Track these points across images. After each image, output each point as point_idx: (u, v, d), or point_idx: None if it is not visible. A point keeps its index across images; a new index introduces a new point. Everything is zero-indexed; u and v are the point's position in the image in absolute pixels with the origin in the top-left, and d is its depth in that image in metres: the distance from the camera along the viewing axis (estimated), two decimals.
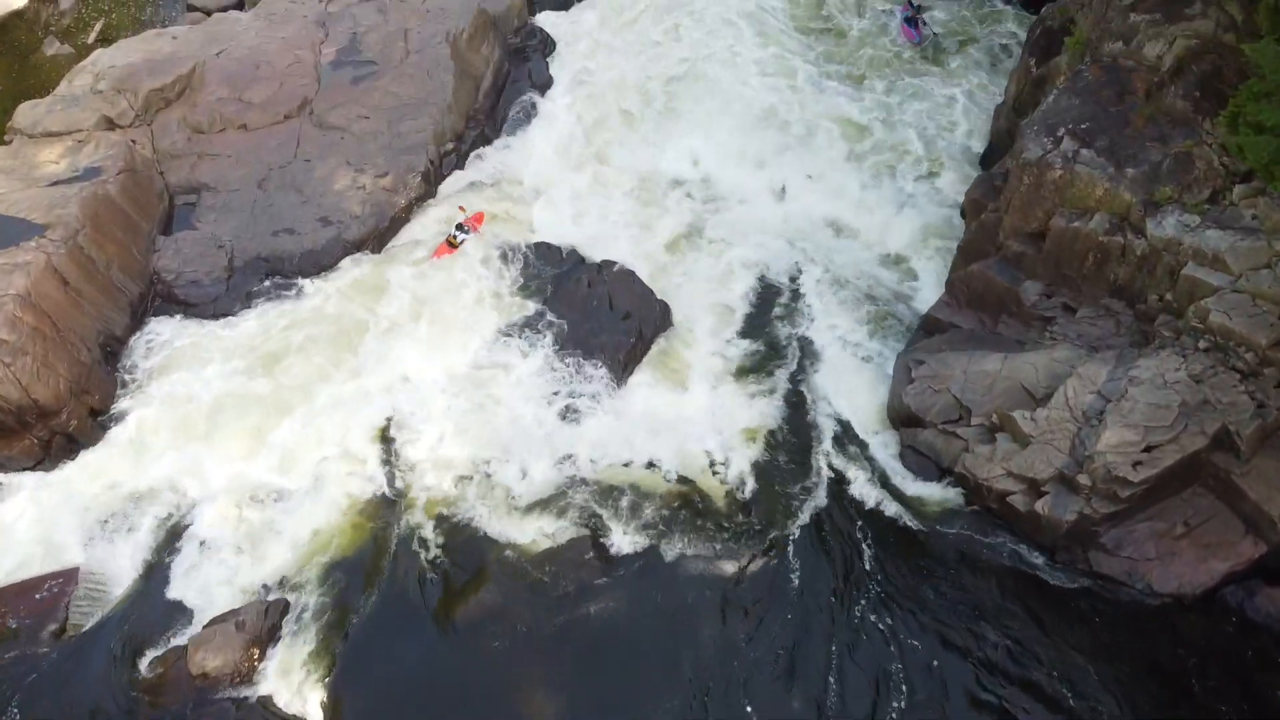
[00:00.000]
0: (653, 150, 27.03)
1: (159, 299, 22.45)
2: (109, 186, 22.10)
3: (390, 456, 20.20)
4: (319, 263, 22.88)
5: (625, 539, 18.93)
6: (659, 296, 22.71)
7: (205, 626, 17.21)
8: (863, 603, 17.87)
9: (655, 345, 22.19)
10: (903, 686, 16.84)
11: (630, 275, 22.74)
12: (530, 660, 17.46)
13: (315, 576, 18.38)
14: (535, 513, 19.34)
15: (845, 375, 21.66)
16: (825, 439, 20.45)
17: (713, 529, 19.13)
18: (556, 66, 29.61)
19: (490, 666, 17.35)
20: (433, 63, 26.34)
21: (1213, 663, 16.61)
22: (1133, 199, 18.50)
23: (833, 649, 17.35)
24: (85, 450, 20.01)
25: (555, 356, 21.59)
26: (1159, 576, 17.03)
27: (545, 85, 28.64)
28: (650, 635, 17.72)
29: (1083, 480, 16.84)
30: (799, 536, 18.90)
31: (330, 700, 16.85)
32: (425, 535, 19.04)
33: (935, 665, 17.05)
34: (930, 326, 21.59)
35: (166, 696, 16.71)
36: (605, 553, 18.73)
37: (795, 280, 23.68)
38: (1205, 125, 18.52)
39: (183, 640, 17.19)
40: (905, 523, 18.80)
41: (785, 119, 27.80)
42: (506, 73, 28.53)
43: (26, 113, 24.57)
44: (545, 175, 26.31)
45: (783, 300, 23.31)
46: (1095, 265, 19.08)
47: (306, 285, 22.57)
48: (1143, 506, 17.10)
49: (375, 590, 18.25)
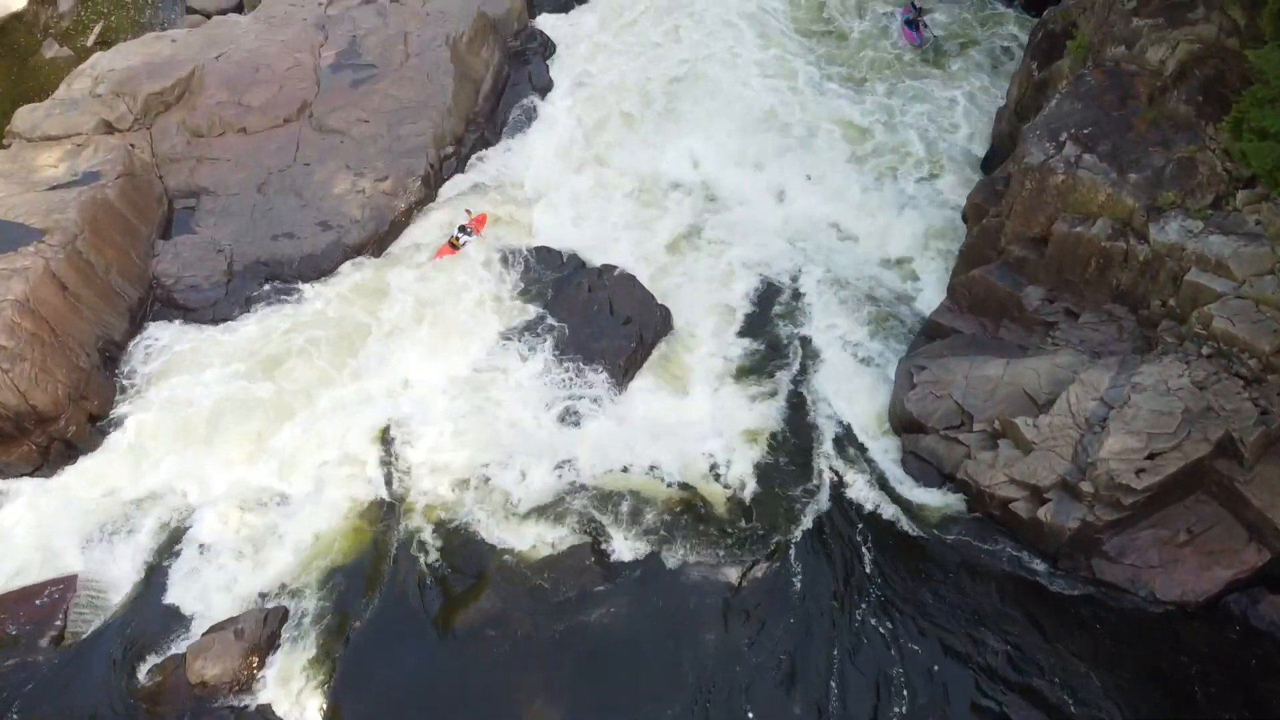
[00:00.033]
0: (653, 152, 26.95)
1: (158, 304, 22.39)
2: (108, 191, 22.03)
3: (390, 461, 20.16)
4: (319, 267, 22.81)
5: (626, 545, 18.88)
6: (660, 300, 22.64)
7: (204, 634, 17.15)
8: (864, 609, 17.82)
9: (656, 350, 22.13)
10: (904, 692, 16.78)
11: (631, 280, 22.66)
12: (530, 667, 17.40)
13: (315, 582, 18.34)
14: (535, 518, 19.29)
15: (846, 379, 21.59)
16: (826, 444, 20.40)
17: (714, 535, 19.08)
18: (556, 69, 29.52)
19: (490, 673, 17.30)
20: (432, 66, 26.25)
21: (1216, 671, 16.54)
22: (1135, 204, 18.44)
23: (834, 655, 17.30)
24: (84, 456, 19.96)
25: (556, 361, 21.54)
26: (1162, 584, 16.97)
27: (545, 88, 28.55)
28: (651, 641, 17.67)
29: (1085, 487, 16.78)
30: (800, 542, 18.84)
31: (330, 708, 16.78)
32: (425, 540, 18.99)
33: (936, 672, 17.00)
34: (932, 331, 21.52)
35: (165, 705, 16.66)
36: (606, 558, 18.69)
37: (796, 282, 23.61)
38: (1208, 130, 18.46)
39: (181, 648, 17.14)
40: (906, 529, 18.75)
41: (786, 121, 27.74)
42: (506, 76, 28.44)
43: (25, 116, 24.49)
44: (545, 178, 26.24)
45: (784, 303, 23.24)
46: (1098, 271, 19.02)
47: (306, 290, 22.51)
48: (1145, 514, 17.04)
49: (375, 596, 18.20)
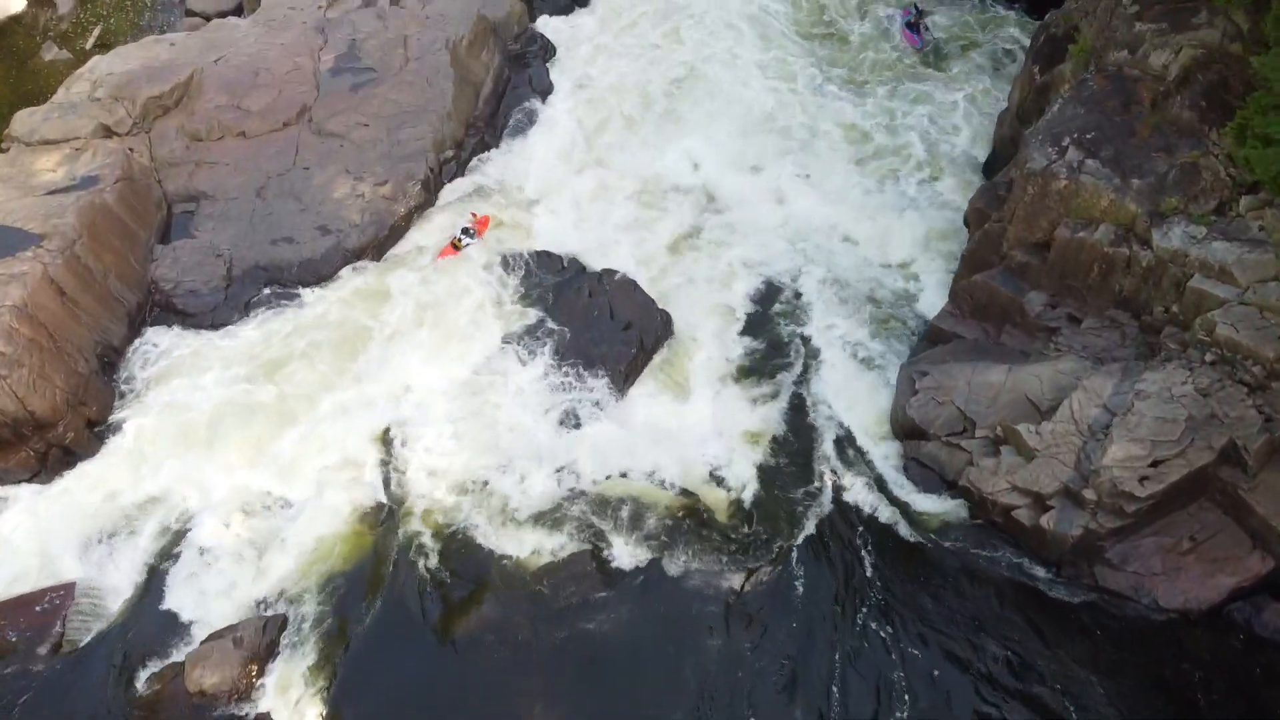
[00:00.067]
0: (654, 155, 26.90)
1: (157, 308, 22.33)
2: (106, 195, 21.95)
3: (390, 466, 20.09)
4: (318, 272, 22.73)
5: (626, 550, 18.81)
6: (661, 304, 22.56)
7: (203, 642, 17.09)
8: (866, 616, 17.75)
9: (657, 355, 22.04)
10: (905, 698, 16.75)
11: (631, 285, 22.58)
12: (531, 673, 17.34)
13: (314, 589, 18.27)
14: (535, 524, 19.21)
15: (847, 383, 21.52)
16: (828, 450, 20.31)
17: (715, 540, 19.01)
18: (557, 72, 29.44)
19: (490, 680, 17.22)
20: (432, 70, 26.16)
21: (1219, 679, 16.48)
22: (1138, 210, 18.36)
23: (836, 662, 17.23)
24: (83, 462, 19.88)
25: (556, 366, 21.46)
26: (1165, 592, 16.90)
27: (545, 91, 28.47)
28: (652, 647, 17.60)
29: (1088, 495, 16.70)
30: (802, 549, 18.76)
31: (329, 717, 16.70)
32: (425, 547, 18.91)
33: (938, 678, 16.94)
34: (933, 336, 21.44)
35: (164, 714, 16.57)
36: (606, 564, 18.61)
37: (797, 285, 23.55)
38: (1211, 136, 18.37)
39: (180, 656, 17.07)
40: (908, 536, 18.67)
41: (787, 123, 27.70)
42: (507, 79, 28.36)
43: (24, 120, 24.42)
44: (546, 181, 26.17)
45: (784, 306, 23.17)
46: (1100, 276, 18.94)
47: (305, 294, 22.44)
48: (1149, 521, 16.96)
49: (374, 603, 18.12)
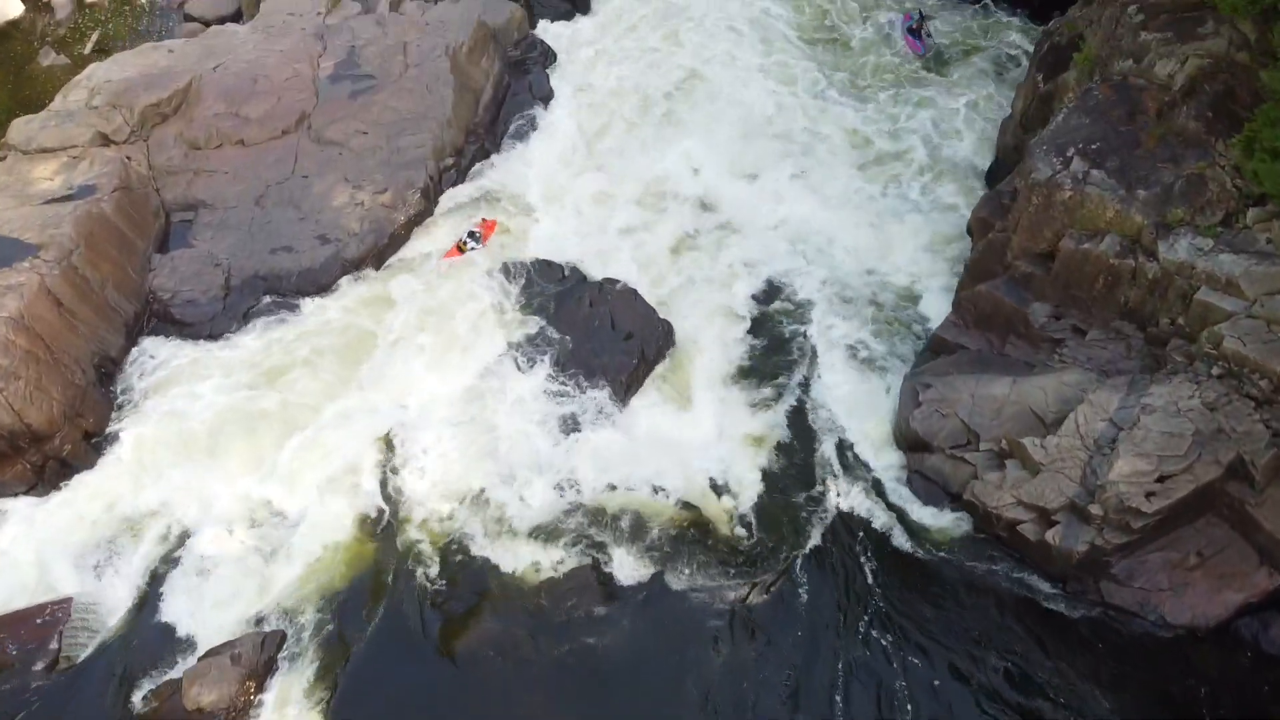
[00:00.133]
0: (655, 161, 26.72)
1: (155, 319, 22.12)
2: (104, 205, 21.77)
3: (390, 478, 19.92)
4: (317, 281, 22.55)
5: (628, 564, 18.65)
6: (662, 312, 22.41)
7: (200, 659, 16.90)
8: (869, 631, 17.60)
9: (658, 365, 21.86)
10: (908, 708, 16.66)
11: (633, 294, 22.40)
12: (532, 688, 17.19)
13: (313, 604, 18.09)
14: (536, 537, 19.06)
15: (851, 394, 21.35)
16: (831, 461, 20.15)
17: (717, 553, 18.86)
18: (557, 78, 29.27)
19: (491, 696, 17.05)
20: (432, 76, 25.99)
21: (1226, 695, 16.34)
22: (1144, 221, 18.20)
23: (839, 678, 17.11)
24: (80, 474, 19.68)
25: (557, 376, 21.30)
26: (1172, 608, 16.76)
27: (546, 97, 28.30)
28: (654, 661, 17.45)
29: (1094, 510, 16.54)
30: (805, 562, 18.61)
31: None
32: (425, 559, 18.76)
33: (942, 694, 16.82)
34: (937, 346, 21.26)
35: None
36: (607, 578, 18.46)
37: (798, 292, 23.40)
38: (1218, 146, 18.21)
39: (177, 673, 16.86)
40: (912, 550, 18.53)
41: (788, 128, 27.54)
42: (507, 85, 28.19)
43: (20, 128, 24.20)
44: (546, 188, 26.01)
45: (786, 313, 23.02)
46: (1105, 287, 18.78)
47: (304, 304, 22.26)
48: (1155, 536, 16.82)
49: (374, 618, 17.95)
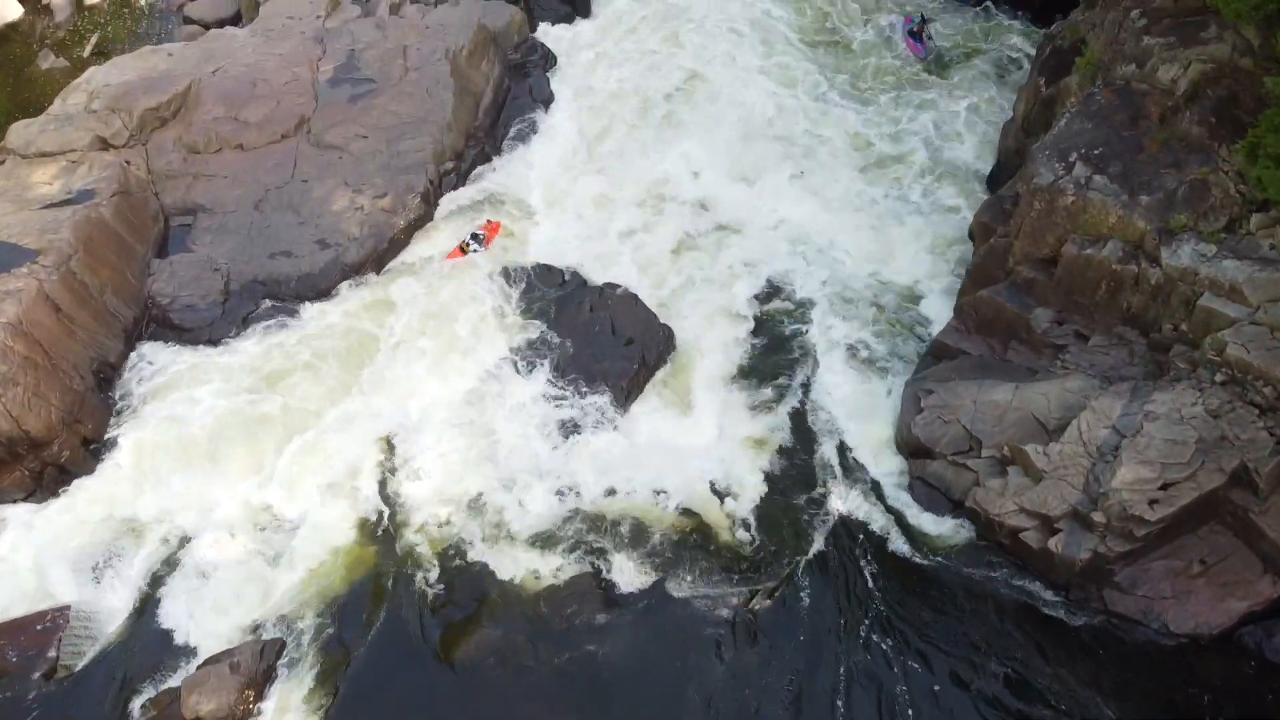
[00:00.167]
0: (655, 164, 26.66)
1: (153, 324, 22.04)
2: (103, 209, 21.69)
3: (389, 484, 19.85)
4: (316, 286, 22.46)
5: (628, 571, 18.57)
6: (662, 316, 22.33)
7: (199, 667, 16.81)
8: (871, 639, 17.51)
9: (659, 370, 21.79)
10: (909, 714, 16.59)
11: (633, 299, 22.31)
12: (533, 697, 17.10)
13: (312, 612, 18.01)
14: (536, 544, 18.98)
15: (852, 398, 21.27)
16: (832, 467, 20.07)
17: (718, 559, 18.77)
18: (558, 81, 29.21)
19: (492, 705, 16.97)
20: (432, 80, 25.91)
21: (1230, 704, 16.23)
22: (1147, 227, 18.11)
23: (840, 686, 17.02)
24: (78, 480, 19.61)
25: (557, 383, 21.22)
26: (1175, 616, 16.66)
27: (546, 101, 28.24)
28: (655, 669, 17.36)
29: (1097, 518, 16.45)
30: (806, 569, 18.52)
31: None
32: (424, 567, 18.67)
33: (945, 702, 16.72)
34: (939, 352, 21.18)
35: None
36: (608, 585, 18.38)
37: (799, 295, 23.33)
38: (1221, 152, 18.10)
39: (176, 682, 16.79)
40: (914, 557, 18.43)
41: (789, 130, 27.49)
42: (507, 89, 28.11)
43: (19, 132, 24.15)
44: (547, 192, 25.97)
45: (787, 316, 22.96)
46: (1108, 293, 18.69)
47: (304, 309, 22.17)
48: (1158, 544, 16.71)
49: (374, 626, 17.86)
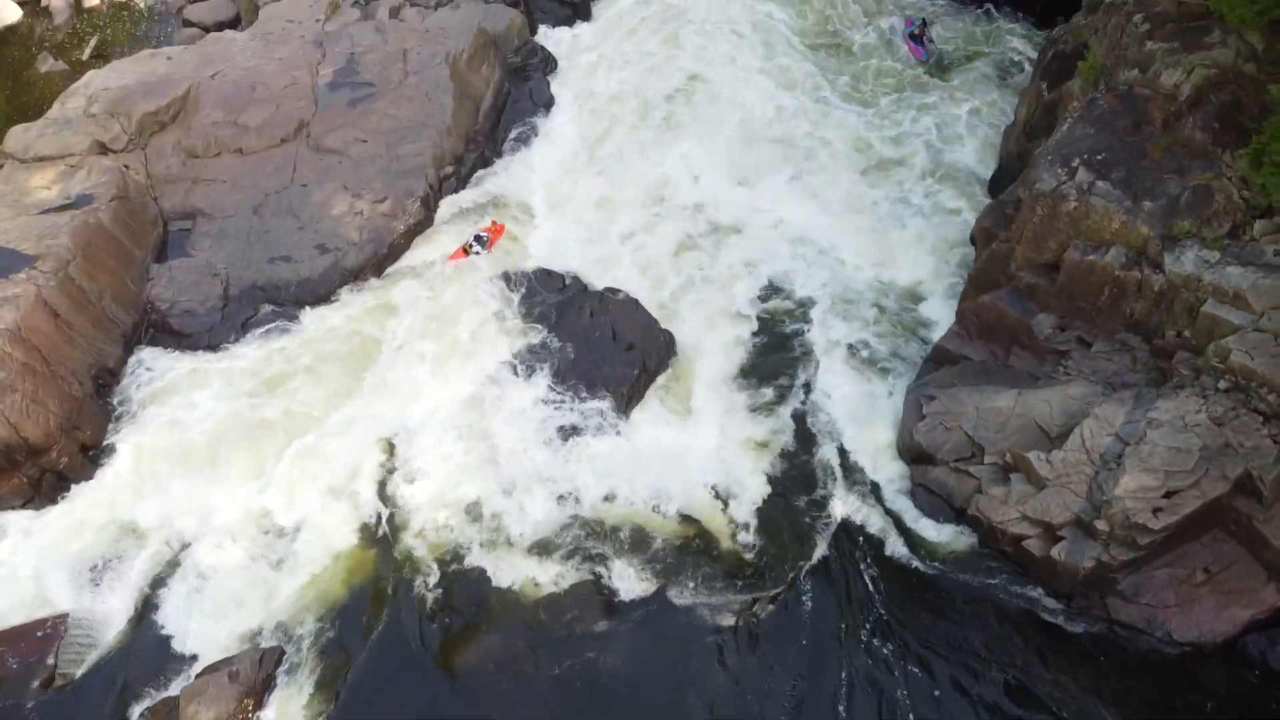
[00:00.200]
0: (655, 167, 26.58)
1: (152, 329, 21.97)
2: (101, 214, 21.59)
3: (389, 491, 19.78)
4: (316, 291, 22.38)
5: (629, 577, 18.50)
6: (663, 321, 22.25)
7: (198, 676, 16.75)
8: (872, 646, 17.44)
9: (660, 376, 21.70)
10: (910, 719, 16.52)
11: (634, 304, 22.23)
12: (534, 704, 17.05)
13: (312, 619, 17.95)
14: (537, 550, 18.91)
15: (854, 403, 21.20)
16: (834, 472, 20.00)
17: (719, 566, 18.71)
18: (558, 84, 29.12)
19: (494, 713, 16.92)
20: (432, 84, 25.80)
21: (1233, 713, 16.19)
22: (1150, 233, 18.03)
23: (842, 693, 16.96)
24: (76, 487, 19.57)
25: (557, 388, 21.13)
26: (1179, 624, 16.59)
27: (547, 104, 28.15)
28: (656, 676, 17.30)
29: (1100, 526, 16.36)
30: (807, 576, 18.47)
31: None
32: (425, 573, 18.61)
33: (947, 710, 16.67)
34: (940, 357, 21.10)
35: None
36: (608, 592, 18.31)
37: (800, 298, 23.26)
38: (1225, 158, 18.00)
39: (175, 690, 16.73)
40: (916, 564, 18.36)
41: (789, 132, 27.39)
42: (507, 93, 28.00)
43: (18, 136, 24.05)
44: (547, 195, 25.91)
45: (788, 319, 22.89)
46: (1111, 299, 18.61)
47: (303, 315, 22.07)
48: (1162, 552, 16.63)
49: (373, 633, 17.80)
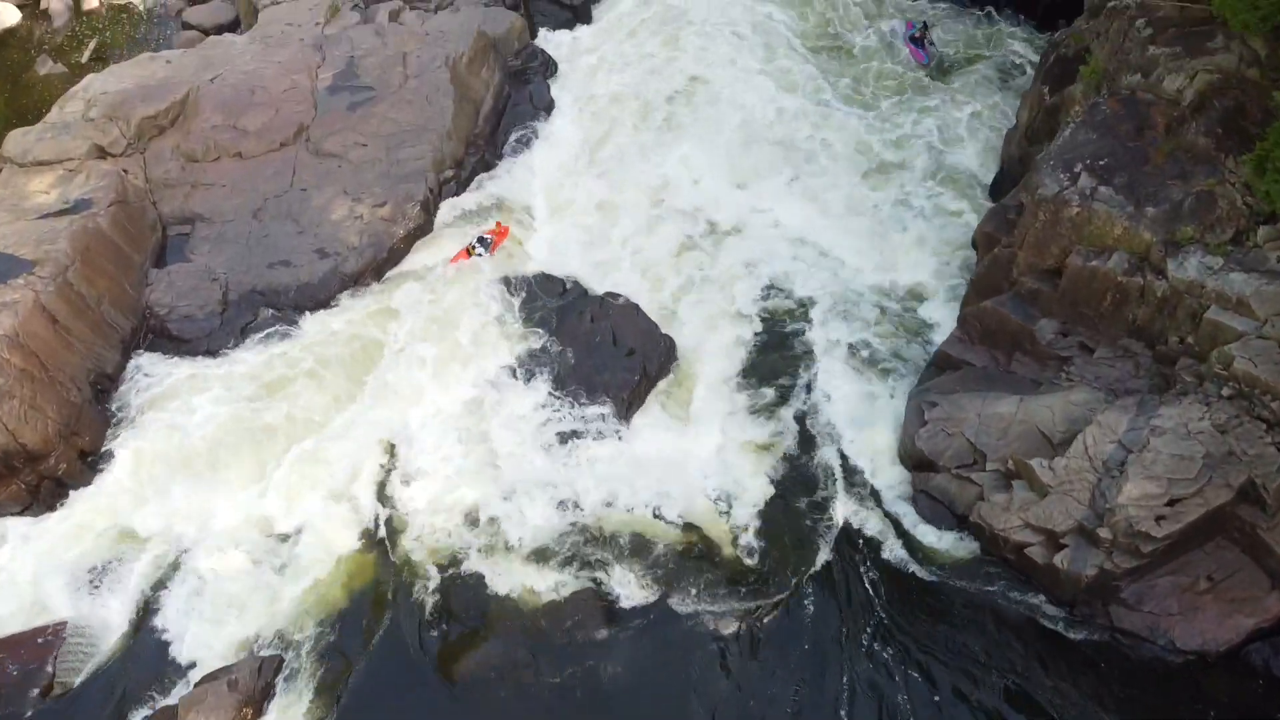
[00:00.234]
0: (656, 171, 26.52)
1: (151, 334, 21.84)
2: (100, 219, 21.49)
3: (388, 497, 19.72)
4: (315, 296, 22.28)
5: (630, 585, 18.42)
6: (664, 325, 22.20)
7: (197, 685, 16.65)
8: (874, 654, 17.36)
9: (661, 381, 21.63)
10: None
11: (634, 309, 22.16)
12: (535, 711, 16.99)
13: (311, 627, 17.86)
14: (537, 558, 18.83)
15: (855, 408, 21.15)
16: (835, 479, 19.93)
17: (720, 573, 18.62)
18: (558, 88, 29.06)
19: None
20: (432, 88, 25.72)
21: None
22: (1153, 238, 17.96)
23: (844, 701, 16.87)
24: (75, 494, 19.46)
25: (558, 394, 21.05)
26: (1182, 632, 16.51)
27: (547, 107, 28.08)
28: (658, 685, 17.22)
29: (1103, 534, 16.29)
30: (808, 583, 18.39)
31: None
32: (424, 581, 18.53)
33: (949, 718, 16.55)
34: (942, 362, 21.02)
35: None
36: (609, 600, 18.24)
37: (801, 302, 23.21)
38: (1228, 163, 17.93)
39: (173, 699, 16.63)
40: (918, 571, 18.28)
41: (790, 135, 27.33)
42: (507, 96, 27.92)
43: (16, 140, 23.93)
44: (548, 199, 25.86)
45: (789, 324, 22.83)
46: (1113, 305, 18.54)
47: (302, 320, 21.98)
48: (1165, 560, 16.56)
49: (373, 641, 17.73)
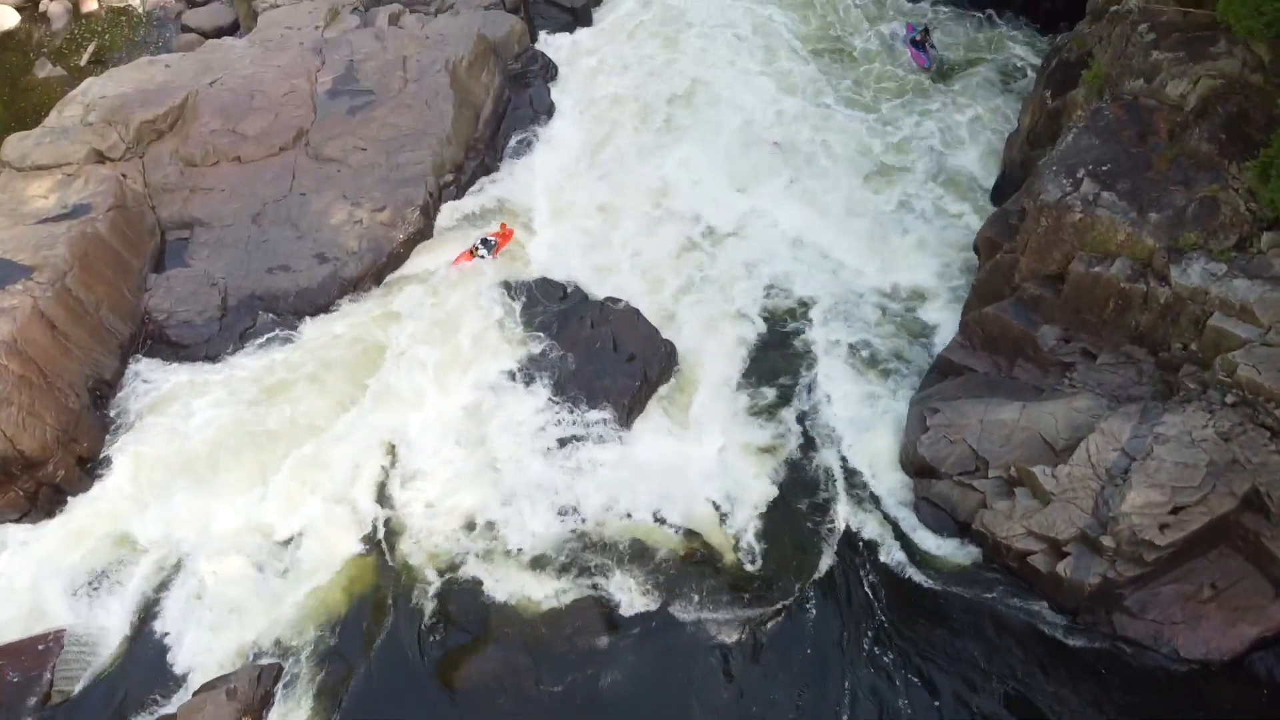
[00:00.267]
0: (656, 174, 26.49)
1: (150, 340, 21.78)
2: (98, 224, 21.41)
3: (388, 504, 19.63)
4: (315, 301, 22.22)
5: (631, 593, 18.32)
6: (664, 330, 22.12)
7: (195, 693, 16.56)
8: (876, 662, 17.28)
9: (662, 387, 21.55)
10: None
11: (635, 314, 22.08)
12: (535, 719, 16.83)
13: (310, 635, 17.77)
14: (537, 564, 18.74)
15: (856, 413, 21.06)
16: (836, 485, 19.84)
17: (721, 580, 18.53)
18: (558, 91, 29.02)
19: None
20: (432, 92, 25.65)
21: None
22: (1156, 244, 17.89)
23: (845, 708, 16.79)
24: (73, 500, 19.38)
25: (558, 399, 20.96)
26: (1185, 641, 16.42)
27: (547, 111, 28.03)
28: (659, 693, 17.13)
29: (1107, 542, 16.21)
30: (810, 591, 18.29)
31: None
32: (424, 588, 18.44)
33: None
34: (944, 368, 20.94)
35: None
36: (610, 607, 18.14)
37: (802, 306, 23.15)
38: (1231, 169, 17.86)
39: (172, 708, 16.54)
40: (920, 579, 18.17)
41: (791, 138, 27.28)
42: (507, 100, 27.86)
43: (14, 145, 23.86)
44: (548, 202, 25.80)
45: (790, 328, 22.76)
46: (1116, 311, 18.46)
47: (302, 325, 21.91)
48: (1168, 568, 16.47)
49: (373, 649, 17.63)
